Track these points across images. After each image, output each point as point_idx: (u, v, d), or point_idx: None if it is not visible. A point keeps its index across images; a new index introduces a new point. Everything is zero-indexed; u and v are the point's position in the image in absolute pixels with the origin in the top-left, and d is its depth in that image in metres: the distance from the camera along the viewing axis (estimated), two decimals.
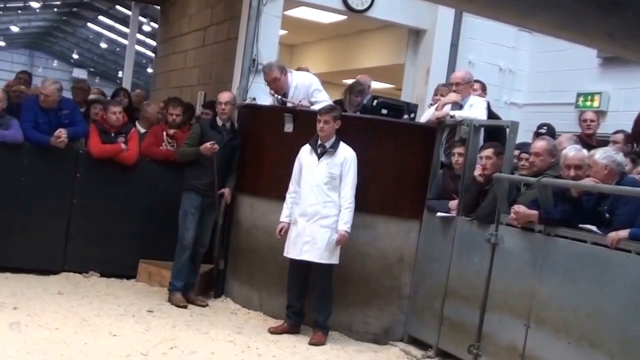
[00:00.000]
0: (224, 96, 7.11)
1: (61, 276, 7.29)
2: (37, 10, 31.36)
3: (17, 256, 7.23)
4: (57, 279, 7.21)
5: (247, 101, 7.74)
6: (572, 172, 5.20)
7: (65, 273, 7.34)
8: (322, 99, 7.06)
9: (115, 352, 5.17)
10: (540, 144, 5.72)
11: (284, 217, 6.36)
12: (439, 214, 6.25)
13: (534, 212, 5.24)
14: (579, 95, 8.62)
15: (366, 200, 6.37)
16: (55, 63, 46.07)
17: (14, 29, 37.71)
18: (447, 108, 6.56)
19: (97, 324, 5.80)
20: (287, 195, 6.39)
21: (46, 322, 5.68)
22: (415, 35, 9.40)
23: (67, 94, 8.31)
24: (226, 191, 7.04)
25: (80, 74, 37.47)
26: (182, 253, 6.92)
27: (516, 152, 6.17)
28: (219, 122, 7.10)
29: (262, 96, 7.67)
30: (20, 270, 7.15)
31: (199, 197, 6.97)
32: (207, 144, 6.86)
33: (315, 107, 6.70)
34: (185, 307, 6.73)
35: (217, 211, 7.10)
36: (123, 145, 7.53)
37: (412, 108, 7.38)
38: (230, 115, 7.18)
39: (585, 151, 5.33)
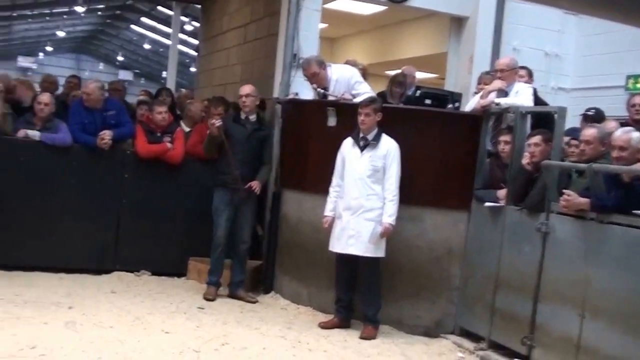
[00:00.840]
0: (245, 89, 7.13)
1: (113, 275, 7.41)
2: (82, 15, 31.87)
3: (71, 257, 7.37)
4: (110, 278, 7.33)
5: (290, 96, 7.74)
6: (615, 153, 5.08)
7: (117, 272, 7.46)
8: (364, 90, 7.02)
9: (168, 349, 5.23)
10: (591, 132, 5.56)
11: (328, 211, 6.35)
12: (487, 204, 6.17)
13: (585, 199, 5.13)
14: (628, 77, 8.44)
15: (412, 192, 6.32)
16: (101, 66, 46.84)
17: (60, 34, 38.41)
18: (492, 96, 6.47)
19: (149, 322, 5.88)
20: (331, 189, 6.37)
21: (100, 320, 5.78)
22: (457, 23, 9.29)
23: None
24: (254, 183, 6.98)
25: (126, 75, 38.00)
26: (215, 249, 7.01)
27: (566, 139, 6.05)
28: (243, 116, 7.10)
29: (305, 91, 7.66)
30: (74, 270, 7.30)
31: (227, 192, 6.98)
32: (210, 121, 6.95)
33: (357, 100, 6.67)
34: (212, 300, 6.81)
35: (252, 205, 7.09)
36: (169, 145, 7.61)
37: (456, 97, 7.29)
38: (253, 108, 7.14)
39: (635, 133, 5.18)
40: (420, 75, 10.88)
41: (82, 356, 4.90)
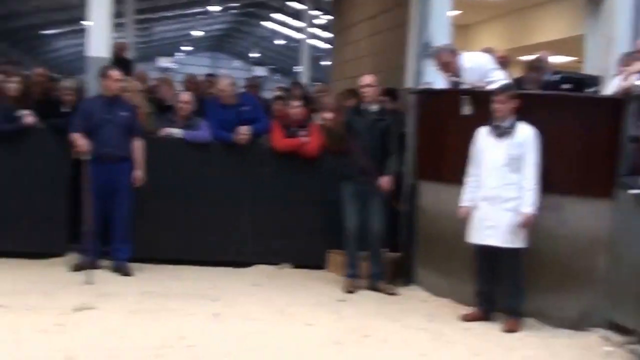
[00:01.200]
0: (365, 79, 7.10)
1: (255, 268, 7.62)
2: (217, 14, 32.92)
3: (214, 250, 7.65)
4: (252, 271, 7.54)
5: (423, 86, 7.68)
6: None
7: (258, 265, 7.65)
8: (498, 78, 6.88)
9: (310, 340, 5.33)
10: None
11: (465, 202, 6.26)
12: (632, 191, 5.90)
13: None
14: None
15: (552, 180, 6.12)
16: (237, 63, 48.18)
17: (196, 33, 39.82)
18: (634, 78, 6.18)
19: (292, 314, 6.01)
20: (468, 179, 6.28)
21: (244, 312, 5.96)
22: (594, 3, 8.91)
23: None
24: (384, 182, 6.93)
25: (260, 71, 38.87)
26: (348, 242, 7.08)
27: None
28: (364, 106, 7.08)
29: (438, 80, 7.59)
30: (217, 263, 7.57)
31: (352, 184, 7.00)
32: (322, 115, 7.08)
33: (492, 87, 6.54)
34: (352, 292, 6.87)
35: (380, 195, 7.03)
36: (305, 139, 7.73)
37: (595, 81, 7.04)
38: (374, 98, 7.11)
39: None
40: (557, 59, 10.55)
41: (229, 347, 5.07)
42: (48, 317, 5.46)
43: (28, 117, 7.38)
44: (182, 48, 46.30)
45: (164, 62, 42.29)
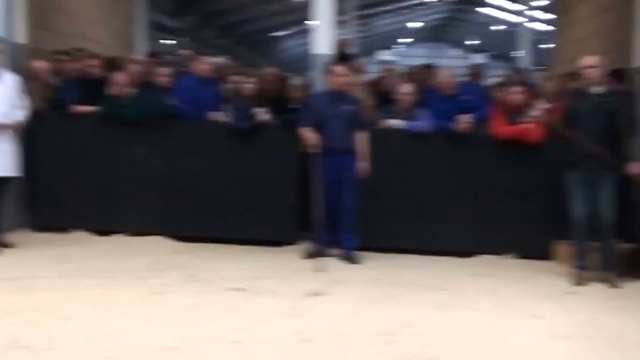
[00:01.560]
0: (587, 60, 6.75)
1: (478, 258, 7.59)
2: (433, 3, 32.89)
3: (436, 240, 7.72)
4: (474, 261, 7.52)
5: None
6: None
7: (482, 255, 7.61)
8: None
9: (538, 334, 5.18)
10: None
11: None
12: None
13: None
14: None
15: None
16: (455, 52, 47.90)
17: (414, 25, 40.07)
18: None
19: (518, 306, 5.90)
20: None
21: (469, 303, 5.94)
22: None
23: None
24: (636, 167, 6.59)
25: (479, 58, 38.35)
26: (576, 232, 6.79)
27: None
28: (588, 89, 6.74)
29: None
30: (439, 252, 7.63)
31: (579, 171, 6.71)
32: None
33: None
34: (581, 285, 6.58)
35: (611, 181, 6.67)
36: (527, 125, 7.53)
37: None
38: (597, 80, 6.71)
39: None
40: None
41: (455, 338, 5.05)
42: (283, 301, 5.78)
43: (263, 114, 7.87)
44: (400, 40, 46.75)
45: (383, 55, 43.00)
